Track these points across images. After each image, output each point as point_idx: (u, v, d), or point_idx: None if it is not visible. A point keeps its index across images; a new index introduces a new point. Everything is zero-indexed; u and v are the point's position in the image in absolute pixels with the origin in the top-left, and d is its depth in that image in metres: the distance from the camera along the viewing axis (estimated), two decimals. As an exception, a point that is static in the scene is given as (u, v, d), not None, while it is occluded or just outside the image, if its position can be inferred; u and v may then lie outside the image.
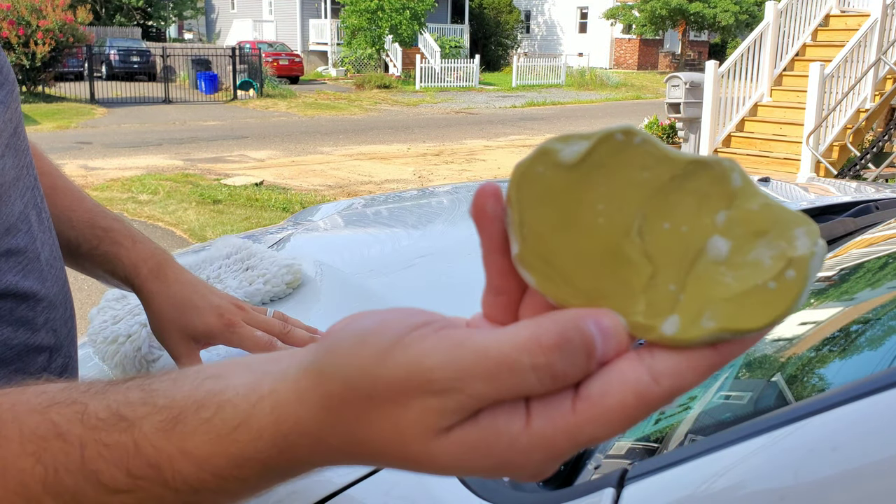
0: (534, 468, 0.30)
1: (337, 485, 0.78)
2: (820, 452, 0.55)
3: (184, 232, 6.43)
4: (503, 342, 0.29)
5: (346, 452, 0.33)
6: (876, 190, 1.85)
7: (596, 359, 0.30)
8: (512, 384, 0.29)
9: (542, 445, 0.30)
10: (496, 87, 26.33)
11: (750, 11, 29.12)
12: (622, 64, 34.78)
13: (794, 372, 0.84)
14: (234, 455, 0.34)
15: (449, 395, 0.30)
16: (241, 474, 0.35)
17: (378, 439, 0.31)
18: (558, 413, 0.30)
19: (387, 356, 0.31)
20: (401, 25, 25.57)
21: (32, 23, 16.30)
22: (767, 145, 9.51)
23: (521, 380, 0.29)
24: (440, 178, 9.56)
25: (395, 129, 14.64)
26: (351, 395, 0.31)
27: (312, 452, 0.34)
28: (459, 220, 1.69)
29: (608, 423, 0.30)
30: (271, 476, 0.35)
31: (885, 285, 1.03)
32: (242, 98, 20.08)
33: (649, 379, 0.29)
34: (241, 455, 0.34)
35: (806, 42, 10.06)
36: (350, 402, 0.31)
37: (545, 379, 0.29)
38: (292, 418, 0.33)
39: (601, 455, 0.80)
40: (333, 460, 0.34)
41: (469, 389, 0.29)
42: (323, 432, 0.33)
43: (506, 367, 0.29)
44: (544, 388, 0.30)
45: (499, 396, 0.30)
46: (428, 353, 0.30)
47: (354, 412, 0.32)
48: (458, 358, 0.30)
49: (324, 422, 0.33)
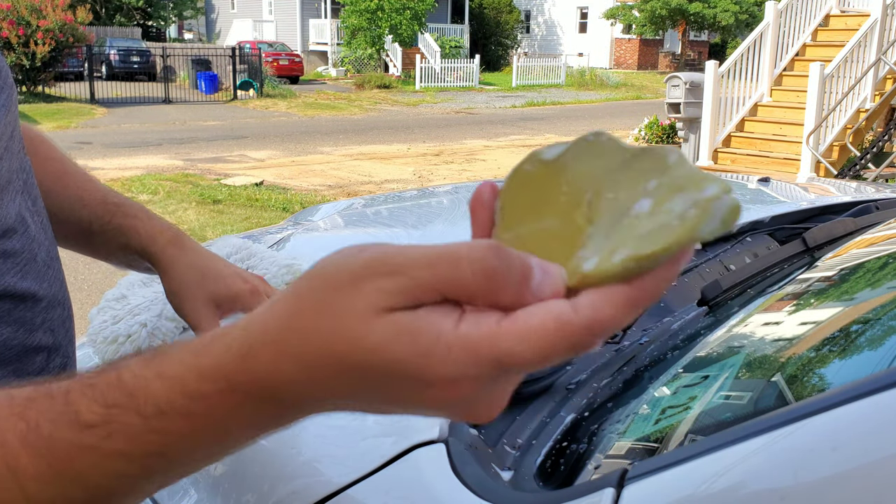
0: (452, 368, 0.33)
1: (337, 485, 0.78)
2: (820, 452, 0.55)
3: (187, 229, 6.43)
4: (450, 244, 0.34)
5: (303, 361, 0.35)
6: (876, 190, 1.85)
7: (531, 287, 0.33)
8: (449, 274, 0.33)
9: (464, 346, 0.33)
10: (496, 87, 26.32)
11: (750, 11, 29.12)
12: (622, 64, 34.78)
13: (794, 372, 0.84)
14: (203, 368, 0.36)
15: (395, 276, 0.33)
16: (206, 389, 0.36)
17: (330, 327, 0.34)
18: (485, 323, 0.33)
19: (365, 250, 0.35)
20: (401, 25, 25.56)
21: (32, 23, 16.30)
22: (767, 145, 9.51)
23: (457, 271, 0.33)
24: (440, 178, 9.56)
25: (395, 129, 14.64)
26: (320, 284, 0.35)
27: (271, 366, 0.35)
28: (459, 220, 1.69)
29: (527, 342, 0.32)
30: (235, 398, 0.36)
31: (885, 285, 1.03)
32: (242, 98, 20.08)
33: (570, 308, 0.33)
34: (210, 366, 0.36)
35: (806, 42, 10.05)
36: (314, 290, 0.35)
37: (478, 274, 0.33)
38: (260, 326, 0.36)
39: (601, 455, 0.80)
40: (290, 378, 0.36)
41: (412, 272, 0.33)
42: (284, 337, 0.35)
43: (445, 258, 0.33)
44: (477, 285, 0.33)
45: (437, 285, 0.33)
46: (384, 249, 0.35)
47: (317, 301, 0.35)
48: (407, 250, 0.34)
49: (287, 324, 0.35)
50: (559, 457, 0.83)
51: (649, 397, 0.91)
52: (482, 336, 0.33)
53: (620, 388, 0.96)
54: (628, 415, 0.88)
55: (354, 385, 0.35)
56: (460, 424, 0.85)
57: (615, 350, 1.06)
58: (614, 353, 1.05)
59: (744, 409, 0.80)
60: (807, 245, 1.31)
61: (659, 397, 0.91)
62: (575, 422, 0.89)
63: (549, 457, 0.83)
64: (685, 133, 9.92)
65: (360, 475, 0.78)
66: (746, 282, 1.21)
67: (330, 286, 0.35)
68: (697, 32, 34.11)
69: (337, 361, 0.34)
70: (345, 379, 0.35)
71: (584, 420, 0.89)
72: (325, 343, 0.34)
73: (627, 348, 1.06)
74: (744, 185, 2.07)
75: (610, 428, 0.86)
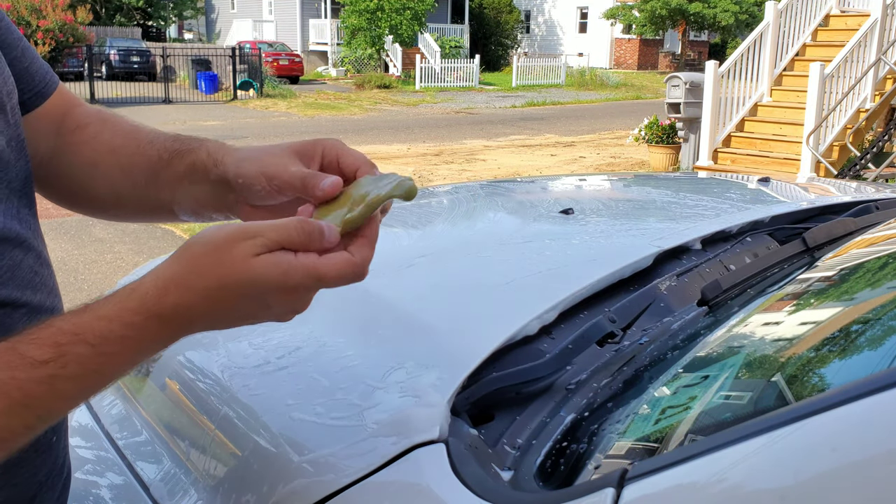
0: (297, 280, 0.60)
1: (337, 485, 0.78)
2: (820, 452, 0.55)
3: (183, 232, 6.44)
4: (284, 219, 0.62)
5: (203, 292, 0.59)
6: (876, 190, 1.85)
7: (326, 237, 0.62)
8: (285, 233, 0.60)
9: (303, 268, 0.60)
10: (496, 87, 26.32)
11: (750, 11, 29.11)
12: (622, 64, 34.78)
13: (794, 372, 0.84)
14: (132, 306, 0.58)
15: (256, 237, 0.60)
16: (136, 320, 0.58)
17: (221, 266, 0.59)
18: (310, 258, 0.61)
19: (224, 228, 0.60)
20: (401, 25, 25.56)
21: (32, 23, 16.31)
22: (767, 145, 9.51)
23: (289, 231, 0.60)
24: (440, 178, 9.56)
25: (395, 129, 14.65)
26: (207, 248, 0.60)
27: (180, 299, 0.59)
28: (459, 220, 1.69)
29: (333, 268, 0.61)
30: (155, 323, 0.58)
31: (885, 285, 1.03)
32: (242, 98, 20.08)
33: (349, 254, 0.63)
34: (137, 304, 0.58)
35: (806, 42, 10.05)
36: (205, 253, 0.60)
37: (300, 232, 0.61)
38: (168, 272, 0.60)
39: (601, 455, 0.80)
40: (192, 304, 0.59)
41: (266, 234, 0.60)
42: (187, 277, 0.59)
43: (282, 225, 0.61)
44: (300, 238, 0.61)
45: (279, 240, 0.60)
46: (238, 224, 0.61)
47: (208, 257, 0.59)
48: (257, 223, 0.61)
49: (189, 269, 0.59)
50: (559, 457, 0.83)
51: (649, 397, 0.91)
52: (309, 263, 0.60)
53: (620, 388, 0.96)
54: (628, 415, 0.88)
55: (237, 301, 0.60)
56: (461, 424, 0.85)
57: (615, 350, 1.06)
58: (614, 353, 1.05)
59: (744, 409, 0.80)
60: (807, 245, 1.31)
61: (659, 397, 0.91)
62: (575, 422, 0.89)
63: (549, 457, 0.83)
64: (685, 133, 9.91)
65: (360, 475, 0.78)
66: (746, 282, 1.21)
67: (212, 247, 0.60)
68: (697, 32, 34.11)
69: (229, 288, 0.59)
70: (231, 299, 0.59)
71: (584, 420, 0.89)
72: (220, 279, 0.59)
73: (627, 348, 1.06)
74: (744, 185, 2.07)
75: (610, 428, 0.86)
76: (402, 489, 0.77)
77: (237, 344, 1.06)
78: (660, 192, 1.89)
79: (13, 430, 0.54)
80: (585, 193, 2.10)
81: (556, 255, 1.31)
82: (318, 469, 0.82)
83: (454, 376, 0.90)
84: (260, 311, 0.62)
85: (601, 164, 11.22)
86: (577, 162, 11.41)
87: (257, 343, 1.05)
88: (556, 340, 1.04)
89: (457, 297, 1.17)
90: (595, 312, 1.11)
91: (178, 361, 1.10)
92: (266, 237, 0.59)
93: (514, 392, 0.94)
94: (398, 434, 0.81)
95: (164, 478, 0.98)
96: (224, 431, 0.94)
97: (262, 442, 0.89)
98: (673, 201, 1.73)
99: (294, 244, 0.60)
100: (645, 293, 1.17)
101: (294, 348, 1.03)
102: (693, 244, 1.32)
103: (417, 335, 1.04)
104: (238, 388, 0.98)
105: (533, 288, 1.15)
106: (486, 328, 1.02)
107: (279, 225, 0.60)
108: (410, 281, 1.25)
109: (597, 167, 11.00)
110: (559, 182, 2.32)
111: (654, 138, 10.31)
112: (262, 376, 0.99)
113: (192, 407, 1.02)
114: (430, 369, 0.92)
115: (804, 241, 1.32)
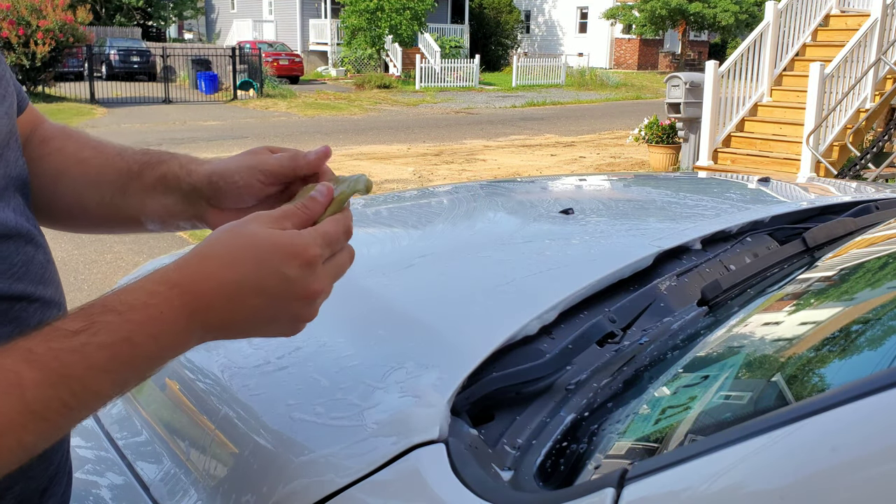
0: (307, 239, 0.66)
1: (337, 485, 0.78)
2: (819, 452, 0.55)
3: (183, 231, 6.43)
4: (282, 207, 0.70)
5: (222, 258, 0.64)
6: (876, 190, 1.85)
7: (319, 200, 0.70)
8: (288, 208, 0.69)
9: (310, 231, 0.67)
10: (496, 87, 26.32)
11: (750, 11, 29.12)
12: (622, 64, 34.78)
13: (794, 372, 0.84)
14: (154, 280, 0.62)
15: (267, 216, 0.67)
16: (160, 289, 0.61)
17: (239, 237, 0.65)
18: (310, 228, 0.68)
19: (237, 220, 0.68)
20: (401, 25, 25.57)
21: (32, 23, 16.30)
22: (767, 145, 9.51)
23: (290, 208, 0.69)
24: (440, 177, 9.56)
25: (395, 128, 14.65)
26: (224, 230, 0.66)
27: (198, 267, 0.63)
28: (459, 220, 1.69)
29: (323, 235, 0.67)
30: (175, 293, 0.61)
31: (885, 285, 1.03)
32: (242, 98, 20.08)
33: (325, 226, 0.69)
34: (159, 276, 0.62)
35: (806, 42, 10.05)
36: (223, 231, 0.66)
37: (301, 206, 0.69)
38: (189, 252, 0.65)
39: (601, 455, 0.80)
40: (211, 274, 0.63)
41: (273, 213, 0.67)
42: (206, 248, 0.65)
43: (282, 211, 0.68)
44: (298, 218, 0.68)
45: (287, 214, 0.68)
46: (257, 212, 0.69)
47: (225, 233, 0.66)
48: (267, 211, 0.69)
49: (208, 244, 0.65)
50: (559, 457, 0.83)
51: (649, 397, 0.91)
52: (311, 229, 0.67)
53: (620, 388, 0.96)
54: (628, 415, 0.88)
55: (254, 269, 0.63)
56: (461, 424, 0.85)
57: (615, 350, 1.06)
58: (614, 353, 1.05)
59: (744, 409, 0.80)
60: (807, 245, 1.31)
61: (659, 397, 0.91)
62: (575, 422, 0.89)
63: (549, 457, 0.83)
64: (685, 133, 9.92)
65: (360, 475, 0.78)
66: (746, 282, 1.21)
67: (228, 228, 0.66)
68: (697, 32, 34.12)
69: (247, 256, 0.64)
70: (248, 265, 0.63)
71: (584, 420, 0.89)
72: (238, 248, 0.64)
73: (627, 348, 1.06)
74: (744, 185, 2.07)
75: (610, 428, 0.86)
76: (402, 489, 0.77)
77: (237, 344, 1.06)
78: (660, 192, 1.89)
79: (49, 406, 0.54)
80: (585, 193, 2.10)
81: (556, 255, 1.31)
82: (318, 469, 0.82)
83: (454, 376, 0.90)
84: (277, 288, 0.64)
85: (601, 164, 11.22)
86: (577, 162, 11.41)
87: (257, 343, 1.05)
88: (556, 340, 1.04)
89: (457, 297, 1.17)
90: (595, 312, 1.11)
91: (179, 361, 1.10)
92: (273, 214, 0.67)
93: (514, 392, 0.94)
94: (398, 434, 0.81)
95: (165, 478, 0.98)
96: (224, 431, 0.94)
97: (262, 442, 0.89)
98: (673, 201, 1.73)
99: (297, 216, 0.68)
100: (645, 293, 1.17)
101: (294, 348, 1.03)
102: (693, 244, 1.32)
103: (417, 335, 1.04)
104: (238, 388, 0.98)
105: (533, 288, 1.15)
106: (486, 328, 1.02)
107: (281, 208, 0.69)
108: (410, 281, 1.25)
109: (597, 167, 11.01)
110: (559, 182, 2.32)
111: (654, 138, 10.31)
112: (262, 376, 0.99)
113: (192, 407, 1.02)
114: (430, 369, 0.93)
115: (804, 241, 1.32)
